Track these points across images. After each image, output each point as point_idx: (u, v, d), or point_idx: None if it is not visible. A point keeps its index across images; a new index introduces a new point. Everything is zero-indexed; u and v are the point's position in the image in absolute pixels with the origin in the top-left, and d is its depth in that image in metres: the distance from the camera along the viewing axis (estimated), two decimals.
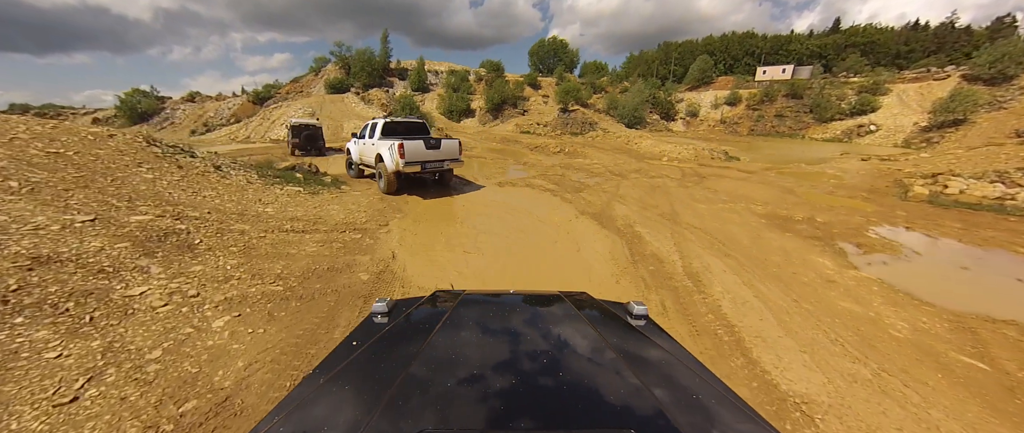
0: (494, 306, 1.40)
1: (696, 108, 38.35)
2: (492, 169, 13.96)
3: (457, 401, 0.79)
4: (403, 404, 0.76)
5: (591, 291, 1.71)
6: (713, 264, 5.38)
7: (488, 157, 17.15)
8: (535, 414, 0.76)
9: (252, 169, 9.21)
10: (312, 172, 10.69)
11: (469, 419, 0.73)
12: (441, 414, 0.74)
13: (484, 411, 0.76)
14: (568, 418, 0.76)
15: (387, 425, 0.70)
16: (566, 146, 20.56)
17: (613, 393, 0.84)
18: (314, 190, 9.02)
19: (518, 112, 38.93)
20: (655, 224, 7.26)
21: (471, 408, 0.77)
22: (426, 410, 0.75)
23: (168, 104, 37.09)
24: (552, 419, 0.75)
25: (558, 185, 10.79)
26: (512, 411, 0.76)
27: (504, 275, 5.01)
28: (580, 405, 0.80)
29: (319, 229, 6.38)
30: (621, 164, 15.48)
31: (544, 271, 5.16)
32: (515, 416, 0.74)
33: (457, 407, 0.77)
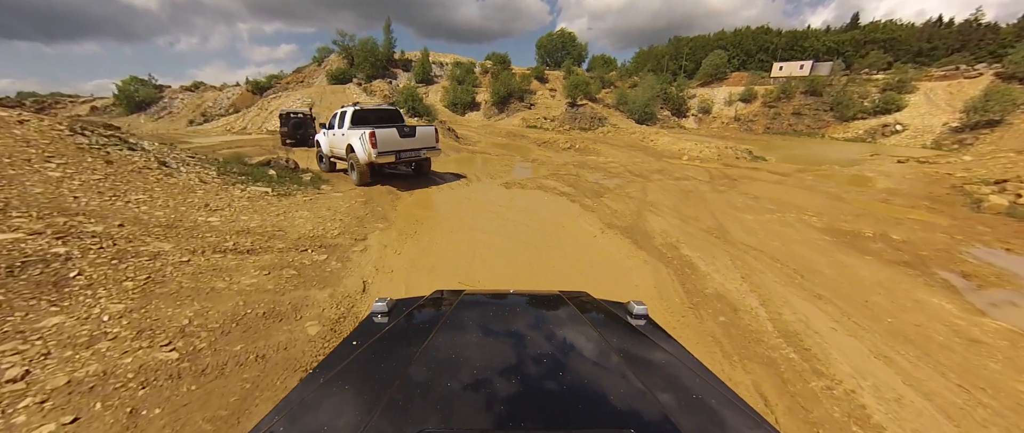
0: (494, 306, 1.35)
1: (709, 104, 36.33)
2: (497, 166, 12.32)
3: (457, 401, 0.77)
4: (403, 404, 0.75)
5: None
6: (810, 314, 3.75)
7: (493, 153, 15.51)
8: (535, 414, 0.74)
9: (213, 165, 7.64)
10: (290, 168, 9.11)
11: (469, 419, 0.71)
12: (441, 414, 0.72)
13: (484, 411, 0.74)
14: (568, 418, 0.74)
15: (387, 425, 0.68)
16: (576, 142, 18.83)
17: (613, 393, 0.82)
18: (285, 191, 7.45)
19: (524, 106, 37.13)
20: (703, 243, 5.62)
21: (471, 408, 0.75)
22: (426, 410, 0.74)
23: (166, 93, 35.58)
24: (552, 419, 0.73)
25: (574, 187, 9.14)
26: (512, 411, 0.74)
27: None
28: (580, 405, 0.78)
29: (272, 247, 4.80)
30: (640, 163, 13.77)
31: None
32: (515, 416, 0.72)
33: (457, 407, 0.75)
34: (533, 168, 12.21)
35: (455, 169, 11.69)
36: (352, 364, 0.94)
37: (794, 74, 35.03)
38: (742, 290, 4.17)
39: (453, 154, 14.31)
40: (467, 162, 13.28)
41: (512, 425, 0.69)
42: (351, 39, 39.49)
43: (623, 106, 35.92)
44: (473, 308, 1.31)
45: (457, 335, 1.09)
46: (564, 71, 45.23)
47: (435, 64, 43.16)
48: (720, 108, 35.96)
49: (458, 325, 1.15)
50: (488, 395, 0.80)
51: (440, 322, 1.15)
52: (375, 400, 0.77)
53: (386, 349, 1.04)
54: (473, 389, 0.82)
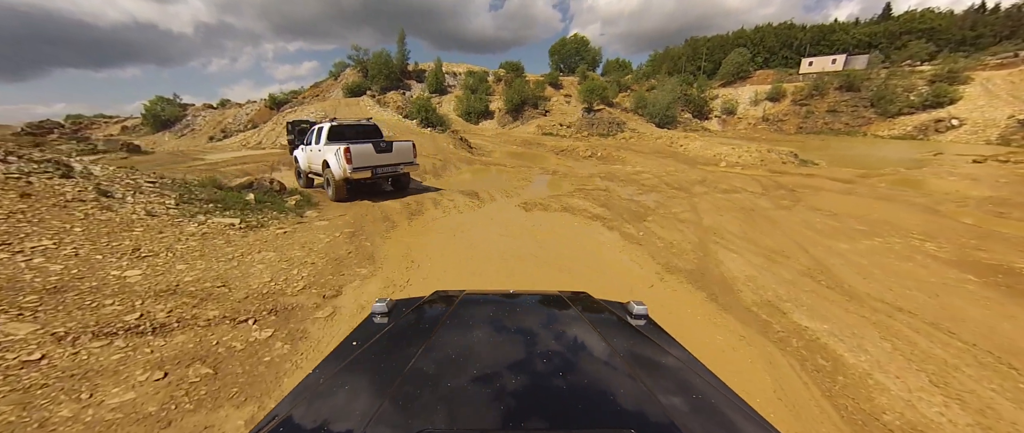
0: (494, 306, 1.32)
1: (732, 105, 33.81)
2: (514, 180, 10.68)
3: (457, 401, 0.75)
4: (403, 404, 0.74)
5: None
6: None
7: (508, 163, 13.90)
8: (535, 414, 0.72)
9: (176, 191, 6.28)
10: (274, 190, 7.72)
11: (469, 419, 0.70)
12: (441, 414, 0.71)
13: (484, 411, 0.72)
14: (568, 418, 0.72)
15: (387, 425, 0.67)
16: (598, 149, 17.02)
17: (614, 393, 0.79)
18: (259, 221, 6.01)
19: (539, 113, 35.53)
20: (816, 299, 3.79)
21: (471, 408, 0.74)
22: (426, 410, 0.72)
23: (189, 111, 35.75)
24: (552, 419, 0.72)
25: (607, 208, 7.38)
26: (512, 411, 0.72)
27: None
28: (580, 405, 0.76)
29: (198, 318, 3.28)
30: (675, 173, 11.87)
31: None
32: (515, 416, 0.71)
33: (457, 407, 0.73)
34: (554, 182, 10.50)
35: (467, 184, 10.12)
36: (352, 364, 0.93)
37: (826, 69, 32.16)
38: (955, 416, 2.34)
39: (465, 167, 12.79)
40: (480, 176, 11.70)
41: (513, 425, 0.68)
42: (365, 53, 38.98)
43: (642, 110, 33.90)
44: (473, 308, 1.28)
45: (457, 335, 1.07)
46: (578, 76, 43.55)
47: (448, 74, 42.15)
48: (746, 108, 33.40)
49: (458, 325, 1.13)
50: (488, 395, 0.78)
51: (440, 322, 1.13)
52: (375, 400, 0.75)
53: (386, 349, 1.02)
54: (473, 389, 0.79)
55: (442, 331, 1.06)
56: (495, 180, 10.76)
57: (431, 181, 10.70)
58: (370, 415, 0.69)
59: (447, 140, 17.86)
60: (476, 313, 1.24)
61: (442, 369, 0.86)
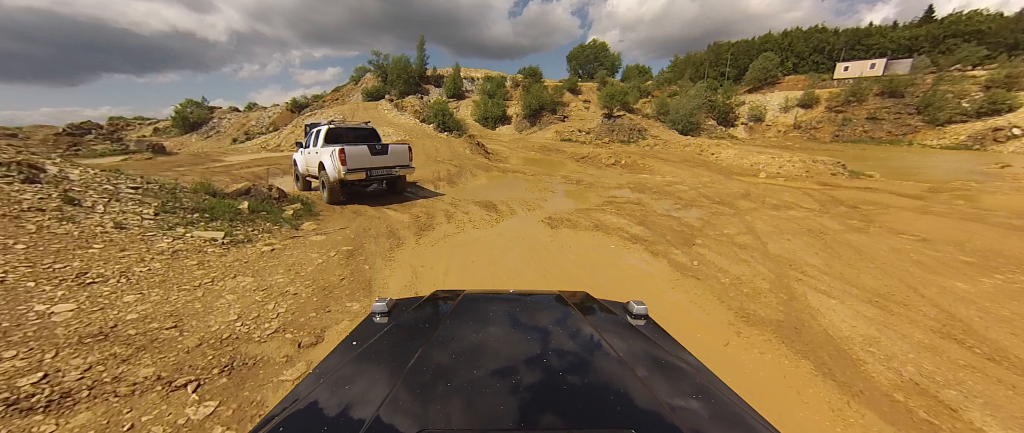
0: (494, 306, 1.29)
1: (760, 112, 31.92)
2: (535, 190, 9.66)
3: (457, 401, 0.74)
4: (403, 404, 0.72)
5: None
6: None
7: (527, 171, 12.90)
8: (535, 414, 0.71)
9: (159, 199, 5.54)
10: (272, 198, 6.93)
11: (469, 419, 0.69)
12: (441, 414, 0.70)
13: (484, 411, 0.71)
14: (568, 418, 0.70)
15: (387, 425, 0.66)
16: (621, 157, 15.84)
17: (613, 393, 0.78)
18: (246, 235, 5.19)
19: (557, 118, 34.56)
20: (987, 382, 2.60)
21: (471, 408, 0.72)
22: (426, 410, 0.71)
23: (216, 114, 36.33)
24: (552, 419, 0.69)
25: (645, 226, 6.27)
26: (512, 411, 0.71)
27: None
28: (580, 405, 0.74)
29: (121, 381, 2.38)
30: (712, 184, 10.61)
31: None
32: (515, 416, 0.69)
33: (457, 407, 0.72)
34: (579, 192, 9.42)
35: (483, 193, 9.16)
36: (352, 364, 0.92)
37: (864, 74, 29.97)
38: None
39: (481, 174, 11.86)
40: (498, 184, 10.73)
41: (512, 425, 0.67)
42: (385, 58, 38.86)
43: (663, 116, 32.47)
44: (473, 308, 1.26)
45: (457, 335, 1.05)
46: (598, 82, 42.43)
47: (466, 79, 41.69)
48: (775, 115, 31.47)
49: (459, 325, 1.11)
50: (488, 395, 0.76)
51: (440, 322, 1.12)
52: (375, 400, 0.74)
53: (386, 349, 1.00)
54: (473, 389, 0.78)
55: (442, 331, 1.06)
56: (514, 189, 9.77)
57: (445, 188, 9.81)
58: (370, 415, 0.68)
59: (463, 145, 17.02)
60: (476, 313, 1.22)
61: (442, 369, 0.85)
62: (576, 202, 8.24)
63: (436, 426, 0.65)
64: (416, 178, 11.11)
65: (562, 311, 1.23)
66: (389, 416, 0.68)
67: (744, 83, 37.45)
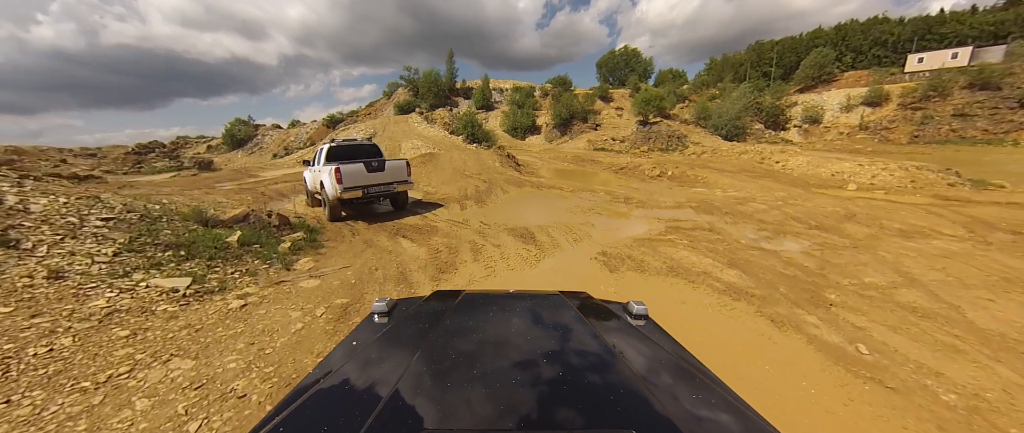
0: (494, 306, 1.26)
1: (816, 112, 28.43)
2: (576, 212, 8.06)
3: (457, 400, 0.73)
4: (403, 403, 0.71)
5: None
6: None
7: (564, 186, 11.31)
8: (535, 414, 0.69)
9: (132, 231, 4.51)
10: (272, 225, 5.83)
11: (469, 419, 0.67)
12: (441, 413, 0.68)
13: (484, 411, 0.70)
14: (568, 418, 0.69)
15: (388, 425, 0.65)
16: (667, 167, 13.86)
17: (613, 393, 0.77)
18: (220, 281, 4.00)
19: (589, 127, 32.78)
20: None
21: (471, 408, 0.71)
22: (426, 410, 0.69)
23: (260, 131, 37.70)
24: (552, 419, 0.68)
25: (741, 269, 4.46)
26: (512, 411, 0.70)
27: None
28: (580, 405, 0.73)
29: None
30: (792, 201, 8.52)
31: None
32: (515, 416, 0.68)
33: (457, 406, 0.71)
34: (631, 214, 7.71)
35: (517, 215, 7.68)
36: (352, 363, 0.91)
37: (945, 65, 25.85)
38: None
39: (513, 191, 10.42)
40: (532, 202, 9.23)
41: (512, 425, 0.65)
42: (416, 73, 38.94)
43: (704, 121, 29.83)
44: (473, 308, 1.23)
45: (458, 334, 1.03)
46: (630, 88, 40.28)
47: (495, 90, 40.91)
48: (834, 115, 27.89)
49: (459, 325, 1.09)
50: (488, 395, 0.74)
51: (441, 322, 1.09)
52: (375, 399, 0.72)
53: (386, 349, 0.98)
54: (473, 389, 0.76)
55: (442, 331, 1.03)
56: (552, 209, 8.22)
57: (473, 209, 8.44)
58: (370, 415, 0.66)
59: (493, 157, 15.73)
60: (476, 313, 1.19)
61: (442, 369, 0.84)
62: (631, 227, 6.56)
63: (437, 426, 0.63)
64: (441, 196, 9.85)
65: (562, 311, 1.21)
66: (389, 416, 0.66)
67: (794, 82, 33.89)
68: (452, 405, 0.71)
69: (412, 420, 0.65)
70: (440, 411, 0.69)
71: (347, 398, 0.77)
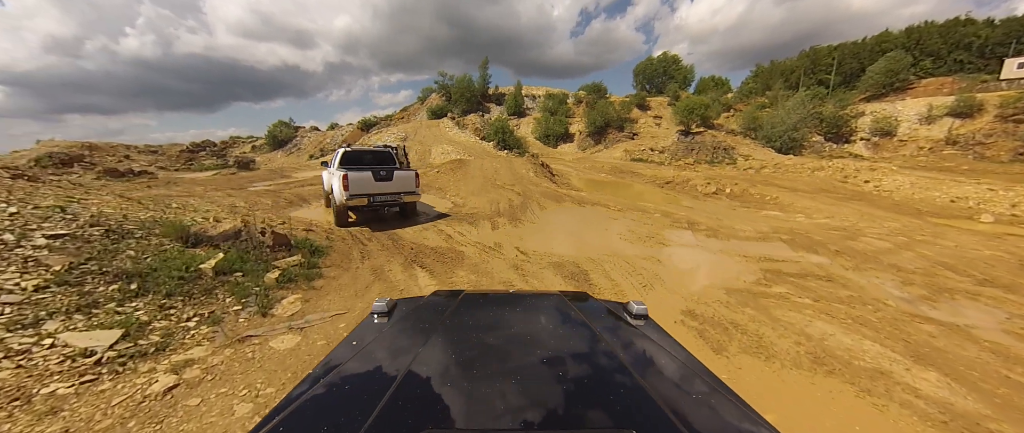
0: (494, 306, 1.26)
1: (889, 124, 24.88)
2: (632, 239, 6.49)
3: (457, 400, 0.72)
4: (403, 404, 0.70)
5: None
6: None
7: (609, 203, 9.72)
8: (535, 414, 0.68)
9: (84, 253, 3.50)
10: (266, 246, 4.71)
11: (469, 419, 0.67)
12: (441, 414, 0.68)
13: (484, 410, 0.69)
14: (568, 418, 0.69)
15: (387, 425, 0.64)
16: (724, 183, 11.89)
17: (613, 393, 0.76)
18: (163, 336, 2.83)
19: (625, 136, 30.81)
20: None
21: (471, 407, 0.70)
22: (426, 409, 0.69)
23: (299, 133, 38.65)
24: (552, 419, 0.67)
25: (957, 378, 2.77)
26: (512, 411, 0.69)
27: None
28: (581, 405, 0.73)
29: None
30: (919, 237, 6.47)
31: None
32: (515, 416, 0.67)
33: (457, 407, 0.70)
34: (705, 247, 6.03)
35: (559, 240, 6.23)
36: (352, 363, 0.88)
37: None
38: None
39: (551, 206, 8.96)
40: (576, 222, 7.74)
41: (513, 425, 0.65)
42: (450, 79, 38.58)
43: (754, 132, 27.11)
44: (473, 308, 1.21)
45: (458, 334, 1.02)
46: (669, 96, 37.87)
47: (527, 97, 39.76)
48: (912, 127, 24.27)
49: (458, 324, 1.08)
50: (488, 395, 0.74)
51: (441, 322, 1.08)
52: (376, 399, 0.70)
53: (386, 349, 0.96)
54: (473, 389, 0.75)
55: (442, 330, 1.02)
56: (601, 233, 6.69)
57: (505, 228, 7.06)
58: (370, 415, 0.65)
59: (526, 166, 14.36)
60: (476, 312, 1.18)
61: (442, 369, 0.83)
62: (713, 268, 4.93)
63: (436, 426, 0.63)
64: (471, 210, 8.57)
65: (562, 311, 1.20)
66: (389, 416, 0.65)
67: (859, 90, 30.23)
68: (452, 405, 0.69)
69: (412, 420, 0.64)
70: (440, 411, 0.67)
71: (347, 398, 0.75)
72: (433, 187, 11.66)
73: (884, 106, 26.68)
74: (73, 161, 26.46)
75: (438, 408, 0.69)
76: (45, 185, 5.81)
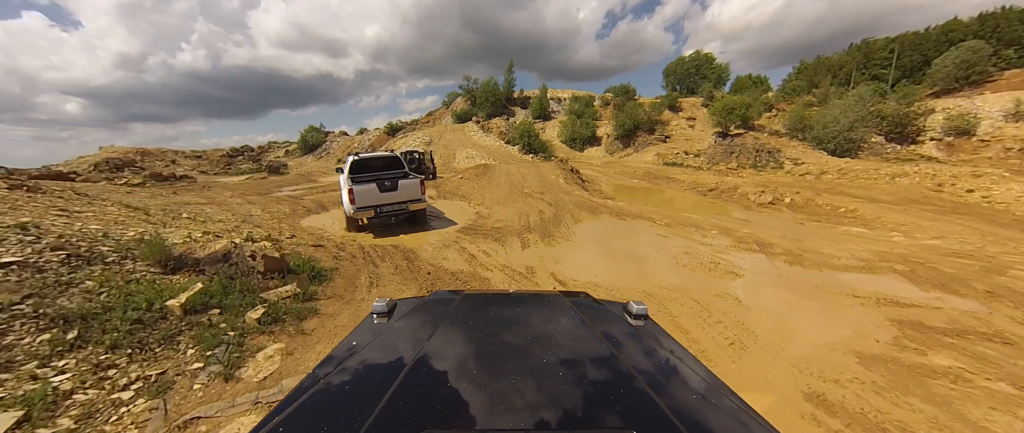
0: (494, 306, 1.22)
1: (967, 122, 21.78)
2: (693, 265, 5.25)
3: (456, 401, 0.72)
4: (403, 404, 0.69)
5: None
6: None
7: (653, 215, 8.43)
8: (535, 414, 0.68)
9: (23, 289, 2.81)
10: (258, 272, 3.92)
11: (469, 418, 0.66)
12: (441, 414, 0.67)
13: (484, 410, 0.68)
14: (568, 418, 0.67)
15: (387, 425, 0.63)
16: (782, 192, 10.27)
17: (613, 393, 0.76)
18: (85, 413, 2.01)
19: (656, 139, 29.02)
20: None
21: (471, 408, 0.69)
22: (426, 409, 0.68)
23: (329, 138, 39.47)
24: (552, 419, 0.67)
25: None
26: (512, 411, 0.68)
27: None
28: (581, 405, 0.71)
29: None
30: None
31: None
32: (515, 416, 0.67)
33: (456, 407, 0.70)
34: (794, 282, 4.73)
35: (598, 269, 5.11)
36: (352, 364, 0.88)
37: None
38: None
39: (587, 218, 7.81)
40: (616, 242, 6.58)
41: (513, 425, 0.64)
42: (475, 83, 38.10)
43: (801, 132, 24.68)
44: (473, 308, 1.20)
45: (458, 334, 1.00)
46: (702, 96, 35.62)
47: (552, 100, 38.63)
48: (996, 125, 21.12)
49: (458, 324, 1.07)
50: (488, 395, 0.73)
51: (441, 322, 1.06)
52: (376, 399, 0.70)
53: (386, 349, 0.95)
54: (473, 389, 0.74)
55: (442, 331, 1.01)
56: (653, 256, 5.51)
57: (537, 249, 6.01)
58: (370, 415, 0.65)
59: (554, 171, 13.27)
60: (476, 313, 1.16)
61: (442, 369, 0.82)
62: (821, 315, 3.67)
63: (436, 426, 0.62)
64: (497, 222, 7.60)
65: (562, 311, 1.18)
66: (389, 416, 0.65)
67: (925, 85, 26.92)
68: (452, 405, 0.69)
69: (412, 420, 0.63)
70: (440, 411, 0.67)
71: (347, 398, 0.74)
72: (457, 194, 10.81)
73: (959, 102, 23.47)
74: (125, 166, 28.01)
75: (438, 408, 0.68)
76: (45, 195, 5.40)
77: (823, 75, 38.39)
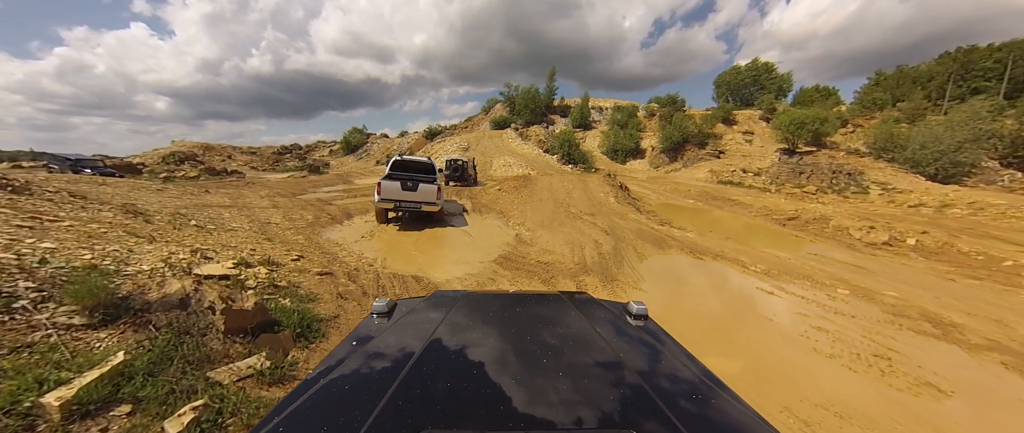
0: (494, 306, 1.22)
1: None
2: (827, 346, 3.47)
3: (456, 400, 0.70)
4: (403, 404, 0.68)
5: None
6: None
7: (741, 255, 6.40)
8: (535, 413, 0.67)
9: None
10: (219, 333, 2.78)
11: (469, 418, 0.65)
12: (441, 414, 0.66)
13: (484, 410, 0.68)
14: (569, 418, 0.67)
15: (387, 425, 0.63)
16: (902, 231, 7.93)
17: (613, 392, 0.75)
18: None
19: (708, 153, 26.30)
20: None
21: (471, 407, 0.68)
22: (426, 409, 0.67)
23: (370, 139, 40.20)
24: (552, 419, 0.66)
25: None
26: (512, 410, 0.67)
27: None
28: (580, 404, 0.70)
29: None
30: None
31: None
32: (515, 415, 0.66)
33: (456, 407, 0.68)
34: (1011, 387, 2.90)
35: (681, 341, 3.52)
36: (352, 364, 0.87)
37: None
38: None
39: (652, 254, 6.09)
40: (704, 299, 4.85)
41: (513, 425, 0.64)
42: (515, 90, 37.14)
43: (891, 152, 21.09)
44: (473, 307, 1.19)
45: (457, 334, 1.00)
46: (761, 109, 32.22)
47: (594, 109, 36.72)
48: None
49: (458, 324, 1.06)
50: (488, 395, 0.72)
51: (440, 321, 1.06)
52: (376, 399, 0.69)
53: (387, 349, 0.94)
54: (473, 389, 0.74)
55: (442, 330, 1.01)
56: (776, 341, 3.80)
57: (605, 298, 4.48)
58: (370, 415, 0.64)
59: (603, 187, 11.62)
60: (476, 313, 1.16)
61: (442, 368, 0.82)
62: None
63: (436, 426, 0.62)
64: (542, 250, 6.14)
65: (562, 311, 1.18)
66: (389, 416, 0.65)
67: None
68: (451, 405, 0.68)
69: (412, 420, 0.63)
70: (440, 411, 0.67)
71: (347, 398, 0.73)
72: (493, 208, 9.51)
73: None
74: (187, 159, 29.78)
75: (438, 408, 0.67)
76: (30, 197, 4.76)
77: (908, 87, 33.46)
